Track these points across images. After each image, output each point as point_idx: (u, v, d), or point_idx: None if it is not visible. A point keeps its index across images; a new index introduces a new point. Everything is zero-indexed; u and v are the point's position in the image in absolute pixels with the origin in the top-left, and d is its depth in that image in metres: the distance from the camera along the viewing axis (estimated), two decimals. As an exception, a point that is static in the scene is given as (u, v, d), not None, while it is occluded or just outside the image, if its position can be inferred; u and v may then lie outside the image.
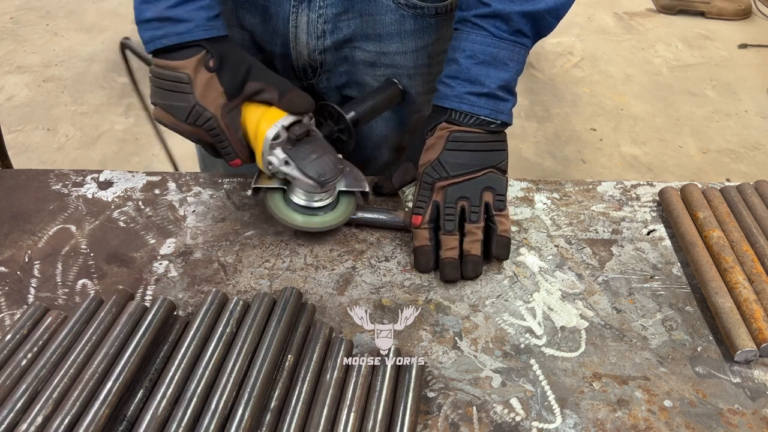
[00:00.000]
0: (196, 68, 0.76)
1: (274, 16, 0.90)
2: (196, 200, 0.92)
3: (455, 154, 0.82)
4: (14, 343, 0.66)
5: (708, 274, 0.78)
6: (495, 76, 0.81)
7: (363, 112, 0.89)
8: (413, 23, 0.91)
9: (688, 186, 0.91)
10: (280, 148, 0.80)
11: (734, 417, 0.66)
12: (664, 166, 2.49)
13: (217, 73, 0.78)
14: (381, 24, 0.90)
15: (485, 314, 0.76)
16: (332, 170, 0.81)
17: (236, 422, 0.58)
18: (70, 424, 0.57)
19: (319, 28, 0.90)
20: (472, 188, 0.82)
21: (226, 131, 0.79)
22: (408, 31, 0.91)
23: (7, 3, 3.50)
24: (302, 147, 0.81)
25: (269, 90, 0.79)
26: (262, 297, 0.70)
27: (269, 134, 0.79)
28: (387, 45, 0.92)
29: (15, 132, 2.56)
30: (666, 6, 3.56)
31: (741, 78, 3.03)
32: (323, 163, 0.81)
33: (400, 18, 0.90)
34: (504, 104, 0.83)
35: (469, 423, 0.65)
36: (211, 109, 0.78)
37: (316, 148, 0.82)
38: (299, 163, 0.80)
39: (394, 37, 0.92)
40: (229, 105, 0.79)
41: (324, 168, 0.81)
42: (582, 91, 2.92)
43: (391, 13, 0.89)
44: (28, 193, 0.92)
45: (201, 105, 0.77)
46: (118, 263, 0.82)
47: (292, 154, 0.80)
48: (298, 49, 0.92)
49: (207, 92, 0.77)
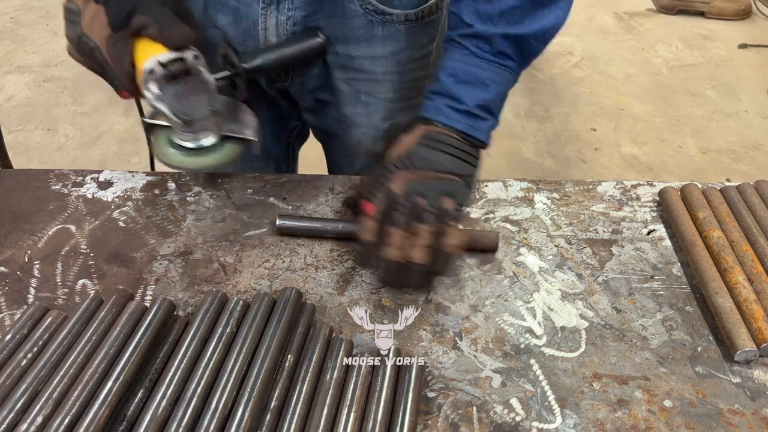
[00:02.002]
0: (86, 0, 0.79)
1: (245, 17, 0.90)
2: (196, 200, 0.92)
3: (427, 150, 0.79)
4: (14, 343, 0.66)
5: (708, 274, 0.78)
6: (474, 95, 0.81)
7: (269, 61, 0.88)
8: (382, 29, 0.90)
9: (688, 186, 0.91)
10: (155, 84, 0.80)
11: (734, 417, 0.66)
12: (664, 166, 2.49)
13: (104, 5, 0.79)
14: (349, 28, 0.90)
15: (485, 314, 0.76)
16: (201, 110, 0.81)
17: (236, 422, 0.58)
18: (70, 424, 0.57)
19: (289, 30, 0.90)
20: (433, 187, 0.77)
21: (110, 62, 0.80)
22: (377, 37, 0.91)
23: (7, 3, 3.50)
24: (177, 85, 0.81)
25: (152, 25, 0.79)
26: (262, 297, 0.70)
27: (145, 68, 0.79)
28: (355, 49, 0.92)
29: (15, 132, 2.56)
30: (666, 6, 3.56)
31: (741, 78, 3.03)
32: (192, 102, 0.81)
33: (368, 23, 0.89)
34: (482, 123, 0.82)
35: (469, 423, 0.65)
36: (96, 39, 0.79)
37: (192, 87, 0.81)
38: (169, 100, 0.80)
39: (362, 42, 0.91)
40: (114, 37, 0.79)
41: (192, 108, 0.80)
42: (582, 91, 2.92)
43: (359, 18, 0.89)
44: (28, 193, 0.92)
45: (86, 35, 0.79)
46: (118, 263, 0.82)
47: (164, 90, 0.80)
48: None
49: (93, 23, 0.79)
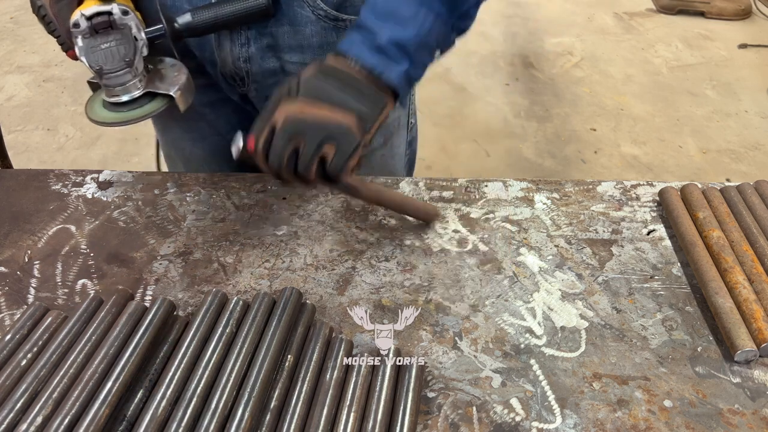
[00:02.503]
0: None
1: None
2: (196, 200, 0.92)
3: (320, 79, 0.73)
4: (14, 343, 0.66)
5: (708, 274, 0.78)
6: (389, 30, 0.74)
7: (203, 18, 0.85)
8: (336, 35, 0.90)
9: (688, 186, 0.91)
10: (80, 37, 0.81)
11: (734, 417, 0.66)
12: (664, 166, 2.49)
13: None
14: (303, 35, 0.89)
15: (485, 314, 0.76)
16: (115, 63, 0.81)
17: (236, 422, 0.58)
18: (70, 424, 0.57)
19: (243, 35, 0.89)
20: (313, 129, 0.70)
21: (54, 20, 0.82)
22: (331, 43, 0.90)
23: (7, 3, 3.50)
24: (100, 37, 0.81)
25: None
26: (262, 297, 0.70)
27: (71, 21, 0.80)
28: (309, 57, 0.91)
29: (15, 132, 2.56)
30: (666, 6, 3.56)
31: (741, 78, 3.03)
32: (108, 54, 0.81)
33: (322, 30, 0.89)
34: (395, 64, 0.75)
35: (469, 423, 0.65)
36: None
37: (114, 41, 0.81)
38: (85, 51, 0.81)
39: (317, 49, 0.90)
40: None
41: (106, 60, 0.81)
42: (582, 91, 2.92)
43: (312, 25, 0.88)
44: (28, 193, 0.92)
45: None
46: (118, 263, 0.82)
47: (85, 43, 0.81)
48: (221, 56, 0.91)
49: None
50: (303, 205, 0.91)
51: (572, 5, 3.60)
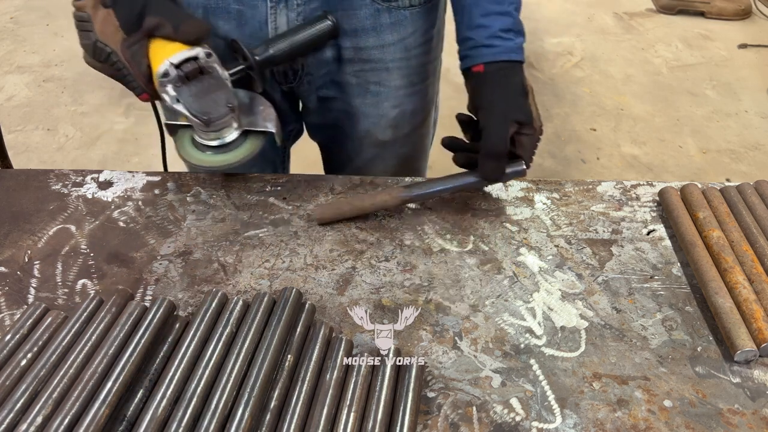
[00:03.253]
0: (95, 6, 0.79)
1: (250, 19, 0.89)
2: (196, 200, 0.92)
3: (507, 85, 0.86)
4: (14, 343, 0.66)
5: (708, 274, 0.78)
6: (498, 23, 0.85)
7: (281, 50, 0.87)
8: (389, 17, 0.91)
9: (688, 186, 0.91)
10: (171, 86, 0.80)
11: (734, 417, 0.66)
12: (664, 166, 2.49)
13: (113, 9, 0.79)
14: (357, 19, 0.90)
15: (485, 314, 0.76)
16: (218, 109, 0.81)
17: (236, 422, 0.58)
18: (70, 424, 0.57)
19: None
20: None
21: (128, 65, 0.80)
22: (384, 24, 0.92)
23: (7, 3, 3.50)
24: (193, 85, 0.81)
25: (165, 24, 0.79)
26: (262, 297, 0.70)
27: (159, 70, 0.79)
28: (364, 40, 0.93)
29: (15, 132, 2.56)
30: (666, 6, 3.56)
31: (741, 78, 3.03)
32: (210, 101, 0.81)
33: (375, 12, 0.90)
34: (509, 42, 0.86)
35: (469, 423, 0.65)
36: (111, 44, 0.79)
37: (208, 86, 0.82)
38: (185, 101, 0.80)
39: (370, 31, 0.92)
40: (129, 40, 0.80)
41: (210, 106, 0.81)
42: (582, 91, 2.92)
43: (366, 8, 0.89)
44: (28, 193, 0.92)
45: (101, 41, 0.79)
46: (118, 263, 0.82)
47: (180, 91, 0.80)
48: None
49: (105, 28, 0.79)
50: (303, 205, 0.91)
51: (572, 5, 3.60)
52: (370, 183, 0.95)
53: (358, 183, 0.95)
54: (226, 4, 0.89)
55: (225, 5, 0.89)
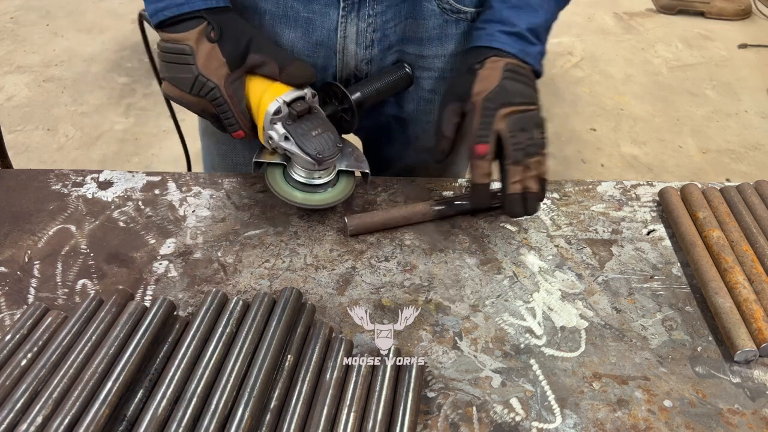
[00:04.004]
0: (198, 39, 0.78)
1: (319, 27, 0.88)
2: (196, 200, 0.92)
3: (513, 83, 0.82)
4: (14, 343, 0.66)
5: (708, 274, 0.78)
6: (524, 18, 0.85)
7: (368, 94, 0.89)
8: (455, 28, 0.91)
9: (688, 186, 0.91)
10: (281, 124, 0.81)
11: (734, 417, 0.66)
12: (664, 166, 2.49)
13: (218, 44, 0.79)
14: (424, 28, 0.90)
15: (485, 314, 0.76)
16: (330, 148, 0.82)
17: (236, 422, 0.58)
18: (70, 424, 0.57)
19: (368, 37, 0.89)
20: (530, 121, 0.81)
21: (229, 101, 0.80)
22: (449, 35, 0.92)
23: (7, 3, 3.50)
24: (302, 123, 0.82)
25: (270, 63, 0.80)
26: (262, 297, 0.70)
27: (270, 109, 0.80)
28: (428, 49, 0.93)
29: (15, 132, 2.56)
30: (666, 6, 3.56)
31: (741, 78, 3.03)
32: (322, 140, 0.82)
33: (443, 23, 0.90)
34: (531, 47, 0.86)
35: (469, 423, 0.65)
36: (214, 79, 0.79)
37: (317, 125, 0.83)
38: (298, 140, 0.81)
39: (435, 41, 0.92)
40: (232, 76, 0.80)
41: (322, 145, 0.82)
42: (582, 91, 2.92)
43: (435, 18, 0.89)
44: (28, 193, 0.92)
45: (204, 75, 0.79)
46: (118, 263, 0.82)
47: (291, 129, 0.81)
48: (345, 60, 0.91)
49: (209, 62, 0.79)
50: (303, 205, 0.91)
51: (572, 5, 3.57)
52: (371, 183, 0.95)
53: (359, 184, 0.95)
54: (294, 11, 0.87)
55: (293, 13, 0.87)
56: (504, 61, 0.83)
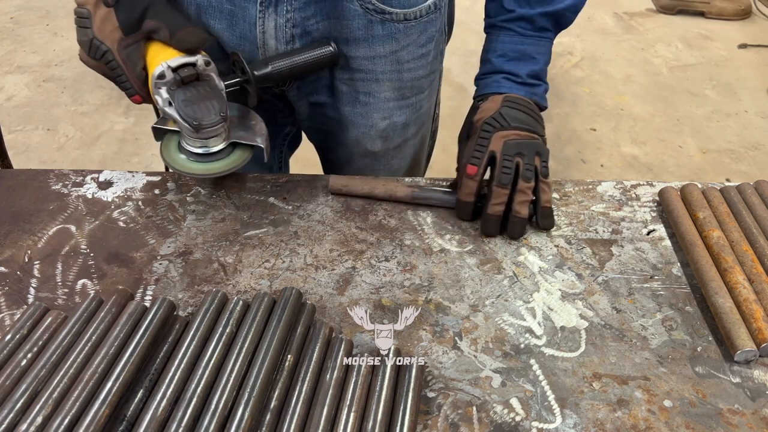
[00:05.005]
0: (96, 4, 0.79)
1: (240, 21, 0.89)
2: (196, 200, 0.92)
3: (513, 111, 0.87)
4: (14, 343, 0.66)
5: (708, 274, 0.78)
6: (525, 68, 0.90)
7: (280, 69, 0.88)
8: (381, 29, 0.90)
9: (688, 186, 0.91)
10: (165, 88, 0.80)
11: (734, 417, 0.66)
12: (664, 166, 2.49)
13: (114, 9, 0.79)
14: (348, 29, 0.90)
15: (485, 314, 0.77)
16: (211, 117, 0.81)
17: (236, 422, 0.58)
18: (70, 424, 0.57)
19: (288, 33, 0.89)
20: (528, 147, 0.84)
21: (122, 65, 0.81)
22: (376, 36, 0.91)
23: (7, 3, 3.50)
24: (187, 90, 0.81)
25: (163, 29, 0.80)
26: (262, 297, 0.70)
27: (155, 72, 0.80)
28: (355, 49, 0.92)
29: (15, 132, 2.56)
30: (666, 6, 3.56)
31: (741, 78, 3.03)
32: (204, 108, 0.81)
33: (368, 23, 0.89)
34: (537, 88, 0.92)
35: (469, 423, 0.65)
36: (108, 42, 0.80)
37: (203, 93, 0.82)
38: (178, 105, 0.80)
39: (362, 42, 0.91)
40: (126, 40, 0.80)
41: (202, 113, 0.81)
42: (582, 91, 2.92)
43: (358, 18, 0.88)
44: (28, 193, 0.92)
45: (98, 38, 0.80)
46: (118, 263, 0.82)
47: (174, 95, 0.80)
48: (266, 54, 0.91)
49: (104, 26, 0.80)
50: (303, 205, 0.91)
51: (581, 2, 3.59)
52: (370, 183, 0.95)
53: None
54: (218, 3, 0.88)
55: (218, 4, 0.88)
56: (505, 95, 0.89)
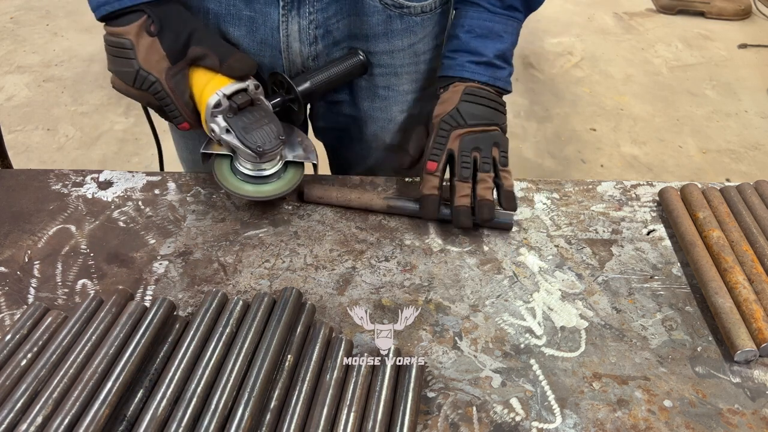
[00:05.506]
0: (138, 33, 0.78)
1: (261, 26, 0.88)
2: (196, 200, 0.92)
3: (471, 105, 0.87)
4: (14, 343, 0.66)
5: (708, 274, 0.78)
6: (491, 46, 0.90)
7: (318, 83, 0.89)
8: (400, 23, 0.91)
9: (688, 186, 0.91)
10: (222, 116, 0.81)
11: (734, 417, 0.66)
12: (664, 166, 2.49)
13: (158, 38, 0.79)
14: (368, 25, 0.90)
15: (485, 314, 0.76)
16: (272, 141, 0.82)
17: (236, 422, 0.58)
18: (70, 424, 0.57)
19: (311, 34, 0.89)
20: (484, 140, 0.86)
21: (171, 95, 0.81)
22: (395, 30, 0.92)
23: (7, 3, 3.50)
24: (244, 116, 0.82)
25: (211, 55, 0.80)
26: (262, 297, 0.70)
27: (210, 102, 0.80)
28: (374, 45, 0.93)
29: (15, 132, 2.56)
30: (666, 6, 3.56)
31: (741, 78, 3.03)
32: (263, 133, 0.82)
33: (387, 18, 0.90)
34: (501, 71, 0.91)
35: (469, 423, 0.65)
36: (155, 72, 0.79)
37: (259, 117, 0.82)
38: (239, 133, 0.81)
39: (381, 37, 0.92)
40: (173, 69, 0.80)
41: (264, 138, 0.82)
42: (582, 91, 2.92)
43: (378, 14, 0.89)
44: (28, 193, 0.92)
45: (144, 69, 0.79)
46: (118, 263, 0.82)
47: (232, 122, 0.81)
48: (290, 58, 0.91)
49: (149, 56, 0.79)
50: (303, 205, 0.91)
51: (572, 5, 3.60)
52: (370, 183, 0.95)
53: (358, 183, 0.95)
54: (237, 10, 0.87)
55: (236, 11, 0.88)
56: (464, 86, 0.89)
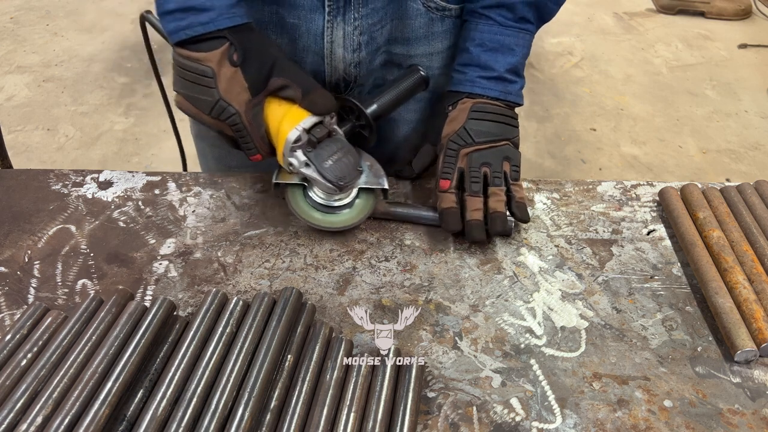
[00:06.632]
0: (220, 62, 0.75)
1: (305, 33, 0.87)
2: (196, 200, 0.92)
3: (478, 122, 0.86)
4: (14, 343, 0.66)
5: (708, 274, 0.78)
6: (503, 60, 0.88)
7: (385, 105, 0.88)
8: (441, 25, 0.91)
9: (688, 186, 0.91)
10: (301, 151, 0.79)
11: (734, 417, 0.66)
12: (664, 166, 2.49)
13: (241, 68, 0.76)
14: (410, 28, 0.90)
15: (485, 314, 0.76)
16: (351, 173, 0.81)
17: (236, 422, 0.58)
18: (70, 424, 0.57)
19: (355, 41, 0.88)
20: (494, 156, 0.85)
21: (248, 128, 0.78)
22: (436, 33, 0.92)
23: (7, 3, 3.50)
24: (322, 149, 0.81)
25: (293, 87, 0.78)
26: (262, 297, 0.70)
27: (290, 137, 0.78)
28: (415, 48, 0.93)
29: (15, 132, 2.56)
30: (666, 6, 3.56)
31: (741, 78, 3.03)
32: (343, 166, 0.81)
33: (429, 21, 0.90)
34: (512, 86, 0.89)
35: (469, 423, 0.65)
36: (235, 104, 0.77)
37: (337, 149, 0.82)
38: (319, 166, 0.80)
39: (422, 39, 0.92)
40: (254, 101, 0.78)
41: (343, 171, 0.81)
42: (582, 91, 2.92)
43: (420, 17, 0.89)
44: (28, 193, 0.92)
45: (225, 100, 0.76)
46: (118, 263, 0.82)
47: (312, 156, 0.80)
48: (333, 64, 0.90)
49: (231, 87, 0.76)
50: (303, 205, 0.91)
51: (572, 5, 3.60)
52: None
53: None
54: (279, 18, 0.86)
55: (278, 19, 0.86)
56: (472, 102, 0.87)
